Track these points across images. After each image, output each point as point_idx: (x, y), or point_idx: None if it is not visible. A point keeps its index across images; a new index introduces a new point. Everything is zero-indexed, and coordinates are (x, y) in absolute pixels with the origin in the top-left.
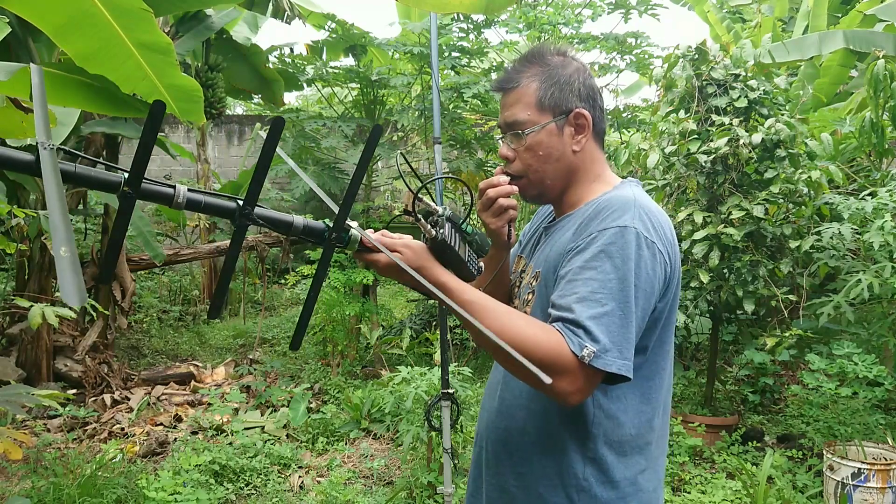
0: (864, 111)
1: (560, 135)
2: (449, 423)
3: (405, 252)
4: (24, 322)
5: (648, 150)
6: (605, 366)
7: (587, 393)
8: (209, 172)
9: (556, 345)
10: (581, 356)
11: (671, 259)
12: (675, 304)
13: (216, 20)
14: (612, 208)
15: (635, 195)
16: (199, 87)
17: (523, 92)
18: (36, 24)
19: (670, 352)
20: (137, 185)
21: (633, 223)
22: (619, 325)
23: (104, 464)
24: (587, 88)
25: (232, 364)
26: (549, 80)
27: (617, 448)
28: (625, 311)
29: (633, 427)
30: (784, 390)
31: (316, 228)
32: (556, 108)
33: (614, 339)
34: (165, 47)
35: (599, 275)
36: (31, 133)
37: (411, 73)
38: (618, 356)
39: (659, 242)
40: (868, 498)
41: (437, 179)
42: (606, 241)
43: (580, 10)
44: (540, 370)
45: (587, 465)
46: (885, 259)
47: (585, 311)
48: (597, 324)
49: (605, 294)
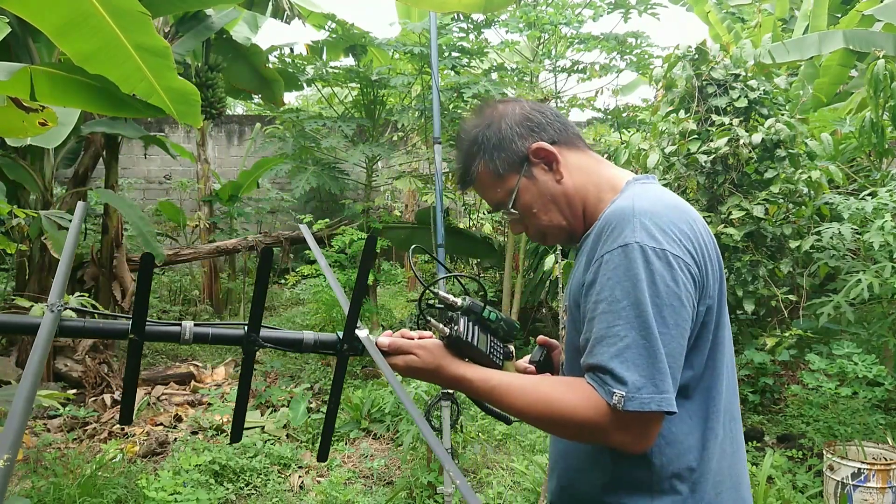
0: (864, 111)
1: (535, 181)
2: (449, 423)
3: (420, 353)
4: None
5: (648, 150)
6: (641, 406)
7: (649, 437)
8: (209, 172)
9: (591, 401)
10: (612, 404)
11: (696, 254)
12: (722, 298)
13: (216, 20)
14: (612, 226)
15: (634, 202)
16: (196, 90)
17: (481, 178)
18: (35, 25)
19: (728, 353)
20: (141, 329)
21: (634, 237)
22: (646, 355)
23: (104, 464)
24: (520, 124)
25: (232, 364)
26: (486, 151)
27: (685, 475)
28: (648, 339)
29: (700, 448)
30: (784, 390)
31: (328, 342)
32: (513, 166)
33: (644, 372)
34: (163, 50)
35: (612, 305)
36: (32, 132)
37: (411, 73)
38: (653, 391)
39: (673, 246)
40: (868, 498)
41: (439, 248)
42: (611, 267)
43: (580, 10)
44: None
45: (654, 499)
46: (885, 259)
47: (606, 350)
48: (620, 362)
49: (622, 325)
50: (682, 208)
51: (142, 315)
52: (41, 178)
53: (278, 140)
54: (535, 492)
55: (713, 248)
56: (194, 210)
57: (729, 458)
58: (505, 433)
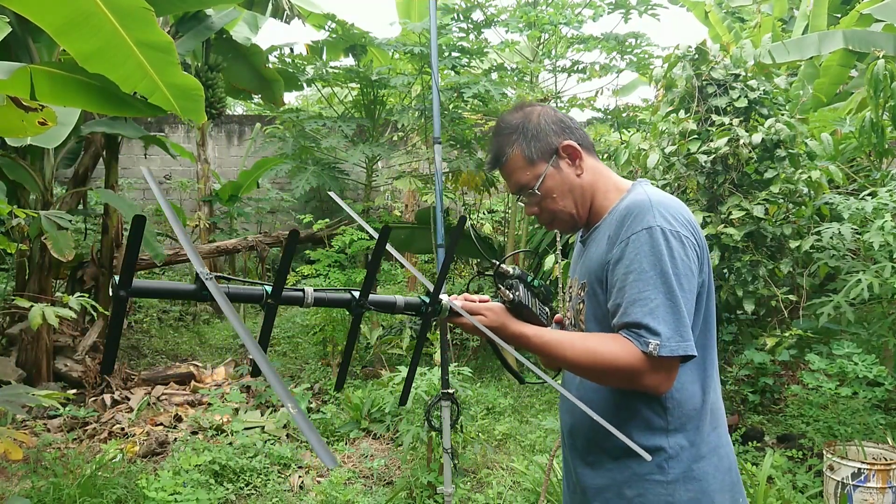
0: (864, 111)
1: (560, 171)
2: (449, 423)
3: (487, 314)
4: (24, 322)
5: (648, 150)
6: (672, 352)
7: (672, 379)
8: (209, 172)
9: (629, 351)
10: (649, 352)
11: (696, 237)
12: (710, 275)
13: (216, 20)
14: (634, 213)
15: (649, 195)
16: (199, 86)
17: (513, 160)
18: (37, 23)
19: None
20: (278, 296)
21: (656, 222)
22: (672, 312)
23: (104, 464)
24: (556, 123)
25: (232, 364)
26: (524, 138)
27: (693, 415)
28: (672, 300)
29: (703, 393)
30: (784, 390)
31: (414, 304)
32: (544, 155)
33: (671, 326)
34: (166, 46)
35: (641, 275)
36: (31, 132)
37: (411, 73)
38: (680, 340)
39: (683, 229)
40: (868, 498)
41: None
42: (639, 244)
43: (580, 10)
44: (626, 374)
45: (669, 436)
46: (885, 259)
47: (639, 310)
48: (653, 318)
49: (651, 290)
50: (681, 204)
51: (280, 283)
52: (41, 178)
53: (278, 140)
54: (535, 492)
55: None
56: (194, 210)
57: (717, 398)
58: (505, 433)
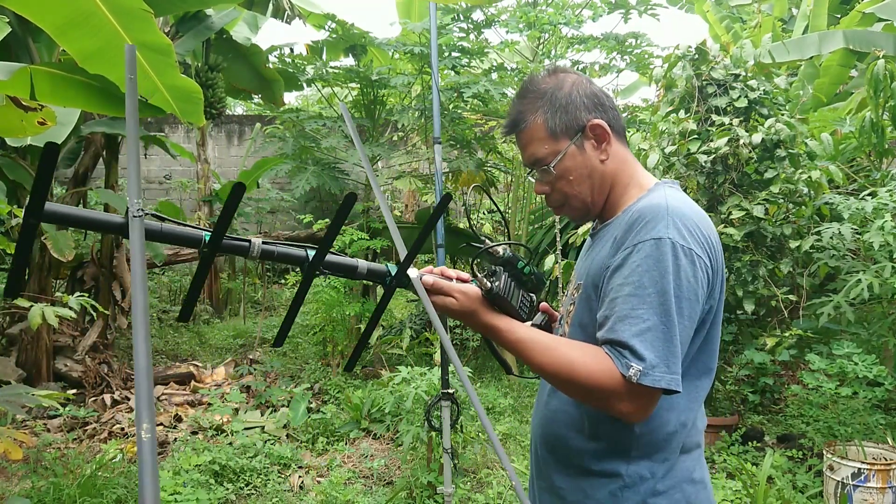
0: (864, 111)
1: (583, 152)
2: (449, 423)
3: (459, 297)
4: (24, 322)
5: (648, 150)
6: (653, 383)
7: (648, 410)
8: (209, 172)
9: (607, 369)
10: (628, 376)
11: (712, 259)
12: (720, 302)
13: (216, 20)
14: (646, 219)
15: (668, 200)
16: (198, 88)
17: (533, 129)
18: (37, 23)
19: (717, 349)
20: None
21: (668, 233)
22: (664, 339)
23: (104, 464)
24: (590, 98)
25: (232, 364)
26: (551, 106)
27: (661, 445)
28: (667, 325)
29: (678, 424)
30: (784, 390)
31: (379, 272)
32: (569, 130)
33: (660, 353)
34: (165, 48)
35: (639, 290)
36: (31, 131)
37: (411, 73)
38: (665, 371)
39: (697, 247)
40: (868, 498)
41: (466, 197)
42: (643, 255)
43: (580, 11)
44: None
45: (630, 464)
46: (885, 259)
47: (628, 329)
48: (640, 341)
49: (646, 309)
50: (704, 217)
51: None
52: None
53: (278, 140)
54: None
55: (721, 257)
56: (194, 210)
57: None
58: (505, 433)
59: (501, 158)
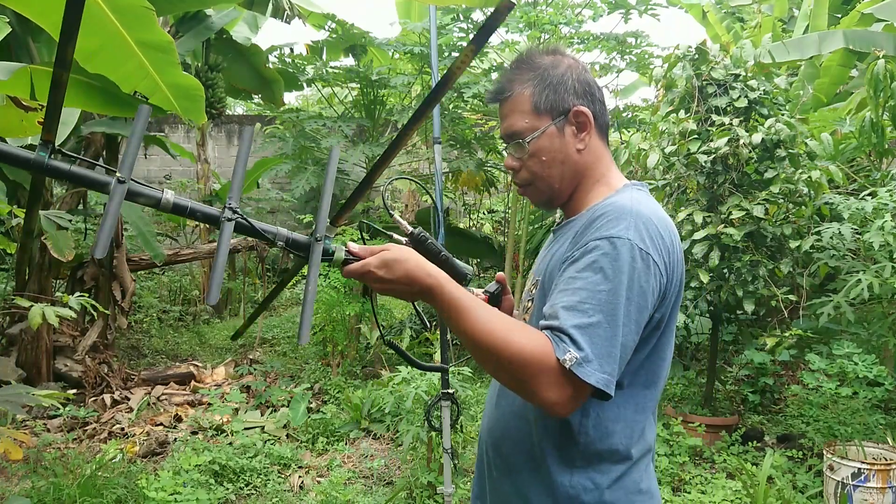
0: (864, 111)
1: (562, 136)
2: (449, 423)
3: (392, 247)
4: (24, 322)
5: (648, 150)
6: (584, 375)
7: (573, 405)
8: (209, 172)
9: (543, 350)
10: (563, 360)
11: (669, 268)
12: (674, 311)
13: (216, 20)
14: (608, 217)
15: (633, 202)
16: (200, 86)
17: (518, 100)
18: (37, 23)
19: (668, 360)
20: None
21: (628, 234)
22: (604, 338)
23: (104, 464)
24: (582, 84)
25: (232, 364)
26: (541, 82)
27: (605, 455)
28: (612, 326)
29: (624, 436)
30: (784, 390)
31: (301, 243)
32: (553, 110)
33: (597, 351)
34: (166, 46)
35: (590, 285)
36: (31, 131)
37: (411, 73)
38: (598, 368)
39: (655, 252)
40: (868, 498)
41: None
42: (600, 253)
43: (580, 10)
44: (527, 374)
45: (574, 474)
46: (885, 259)
47: (571, 319)
48: (581, 333)
49: (593, 306)
50: (668, 224)
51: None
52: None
53: (278, 140)
54: None
55: (682, 265)
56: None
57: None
58: None
59: (501, 158)
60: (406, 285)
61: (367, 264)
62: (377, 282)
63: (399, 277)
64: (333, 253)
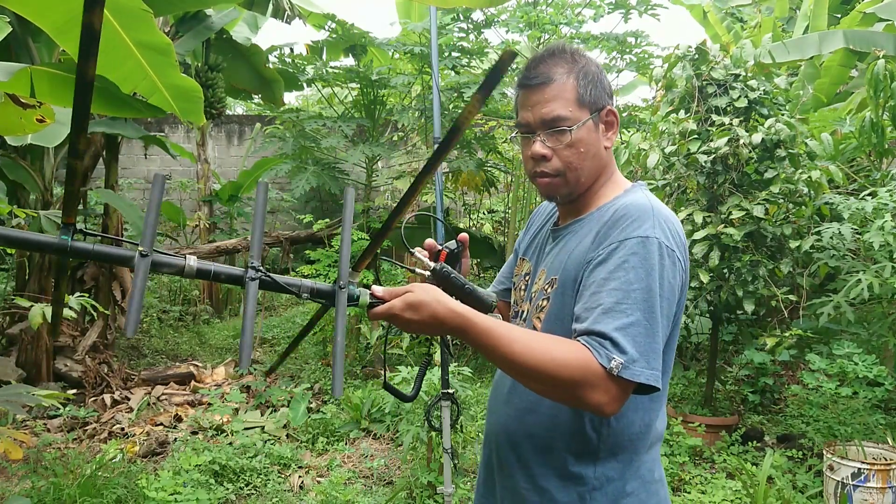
0: (864, 111)
1: (597, 131)
2: (449, 423)
3: (416, 289)
4: (24, 322)
5: (648, 150)
6: (633, 376)
7: (621, 402)
8: (209, 172)
9: (584, 360)
10: (609, 368)
11: (685, 263)
12: (683, 301)
13: (216, 20)
14: (632, 217)
15: (651, 202)
16: (198, 87)
17: (562, 87)
18: (37, 23)
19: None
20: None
21: (655, 233)
22: (646, 335)
23: (104, 464)
24: (610, 86)
25: (232, 364)
26: (584, 76)
27: (627, 445)
28: (650, 322)
29: (643, 424)
30: (784, 390)
31: (325, 292)
32: (593, 105)
33: (641, 349)
34: (165, 47)
35: (624, 285)
36: (29, 129)
37: (411, 73)
38: (645, 366)
39: (677, 249)
40: (868, 498)
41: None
42: (630, 252)
43: (580, 10)
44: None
45: (598, 465)
46: (885, 259)
47: (612, 322)
48: (623, 335)
49: (630, 304)
50: (677, 219)
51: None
52: (41, 177)
53: (278, 140)
54: None
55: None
56: (194, 210)
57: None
58: None
59: (501, 158)
60: (434, 326)
61: (392, 307)
62: (405, 324)
63: (425, 319)
64: (358, 298)
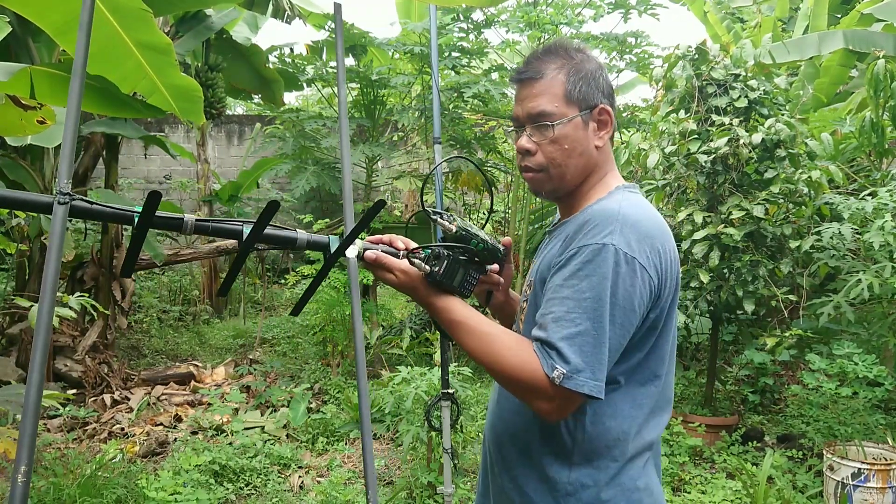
0: (864, 111)
1: (585, 129)
2: (449, 423)
3: (400, 276)
4: (24, 322)
5: (648, 150)
6: (576, 387)
7: (565, 412)
8: (209, 172)
9: (532, 367)
10: (552, 377)
11: (660, 269)
12: (672, 310)
13: (216, 20)
14: (595, 223)
15: (621, 206)
16: (198, 87)
17: (550, 83)
18: (37, 23)
19: (666, 357)
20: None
21: (612, 240)
22: (593, 344)
23: (104, 464)
24: (608, 86)
25: (232, 364)
26: (576, 73)
27: (603, 452)
28: (598, 331)
29: (621, 432)
30: (784, 390)
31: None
32: (582, 102)
33: (587, 359)
34: (165, 47)
35: (575, 293)
36: (30, 130)
37: (411, 73)
38: (590, 377)
39: (641, 256)
40: (868, 498)
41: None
42: (584, 259)
43: (581, 10)
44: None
45: (572, 470)
46: (885, 259)
47: (559, 331)
48: (569, 344)
49: (580, 314)
50: (658, 224)
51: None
52: (41, 178)
53: (278, 140)
54: None
55: (676, 265)
56: (194, 210)
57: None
58: None
59: (501, 158)
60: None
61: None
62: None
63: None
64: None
